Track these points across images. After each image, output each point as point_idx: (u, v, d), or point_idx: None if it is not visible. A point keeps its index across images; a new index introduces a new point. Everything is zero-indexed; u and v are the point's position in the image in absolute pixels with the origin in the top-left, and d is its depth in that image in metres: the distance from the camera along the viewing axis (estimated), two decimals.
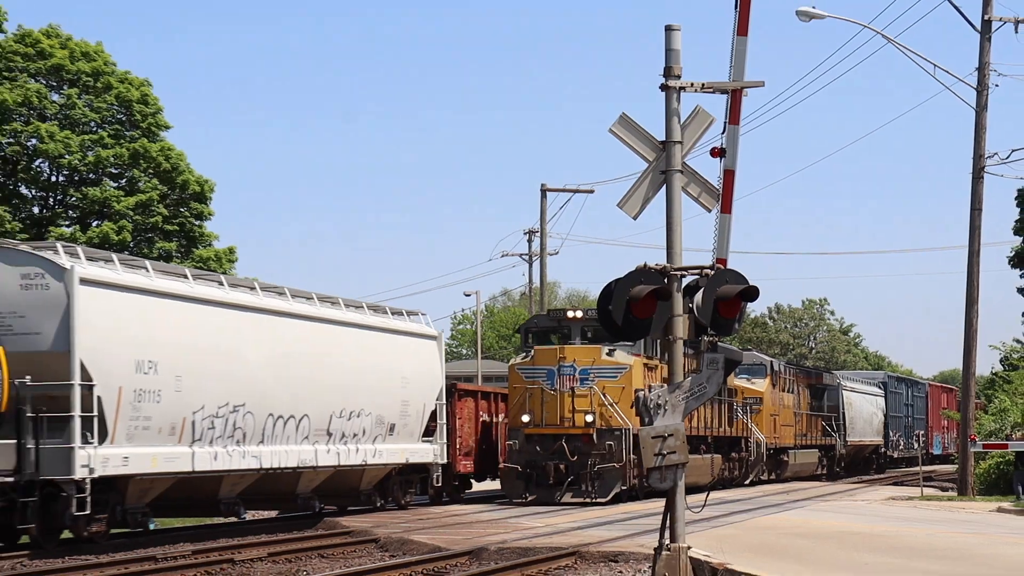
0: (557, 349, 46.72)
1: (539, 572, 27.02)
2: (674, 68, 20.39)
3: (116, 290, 34.56)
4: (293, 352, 41.45)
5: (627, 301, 19.95)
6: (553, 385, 45.56)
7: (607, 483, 44.94)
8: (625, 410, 44.95)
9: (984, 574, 24.29)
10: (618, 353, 46.48)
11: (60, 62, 70.03)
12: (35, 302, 32.70)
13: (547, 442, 45.69)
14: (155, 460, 35.09)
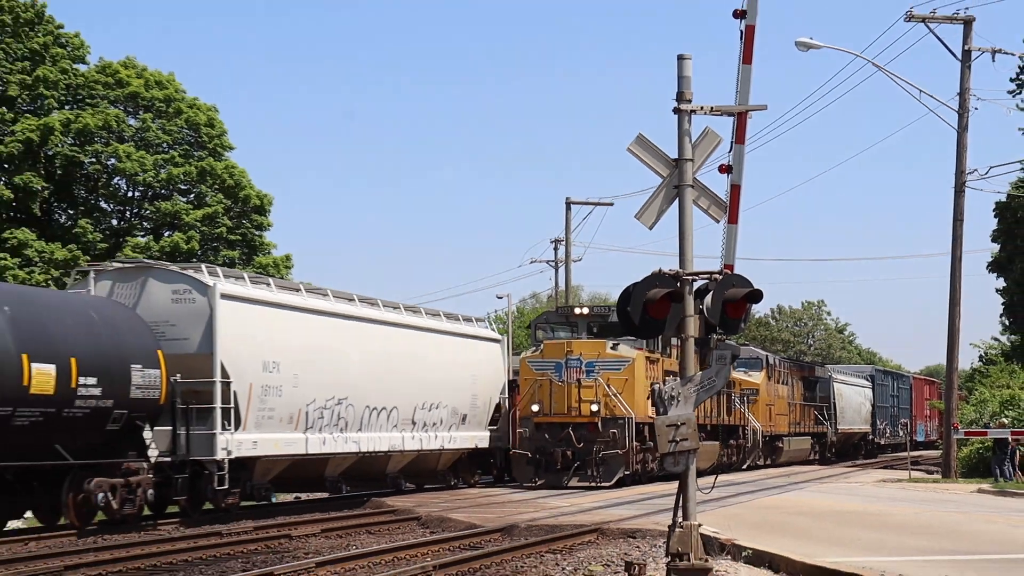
0: (565, 343, 46.12)
1: (564, 547, 26.80)
2: (685, 93, 20.26)
3: (246, 303, 37.51)
4: (385, 353, 44.42)
5: (644, 303, 19.89)
6: (561, 377, 44.87)
7: (611, 468, 44.31)
8: (628, 400, 44.65)
9: (965, 547, 24.11)
10: (622, 347, 45.97)
11: (136, 90, 70.18)
12: (184, 313, 35.68)
13: (555, 430, 44.98)
14: (277, 444, 38.27)
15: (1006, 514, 34.27)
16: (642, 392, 45.28)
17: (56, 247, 65.74)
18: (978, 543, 25.43)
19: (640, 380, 45.31)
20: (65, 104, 69.00)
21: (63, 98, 69.13)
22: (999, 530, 28.68)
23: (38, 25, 69.61)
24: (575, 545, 27.25)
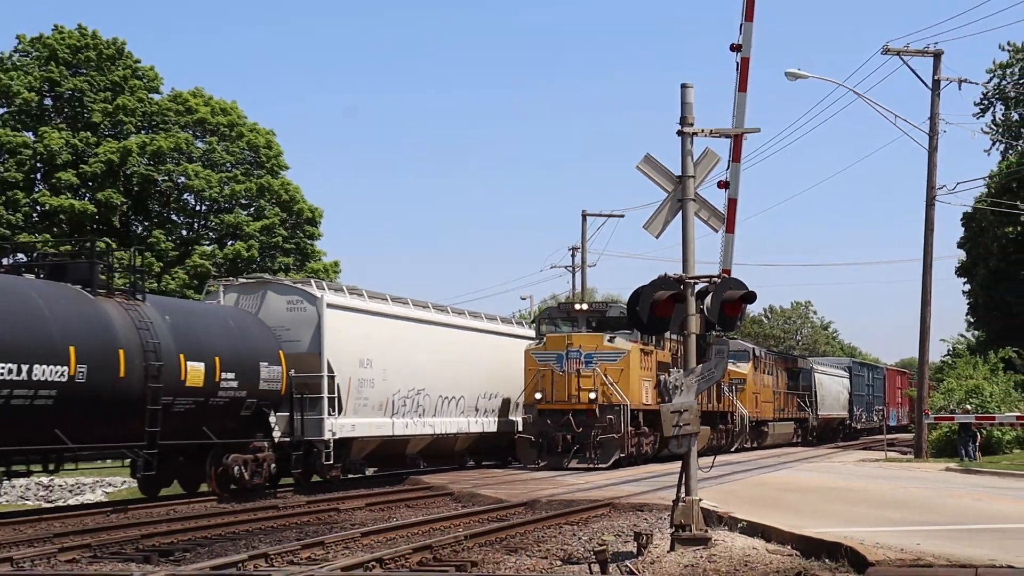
0: (565, 336, 45.94)
1: (580, 519, 26.82)
2: (688, 118, 20.28)
3: (346, 311, 40.55)
4: (453, 351, 47.38)
5: (651, 303, 19.99)
6: (562, 367, 44.51)
7: (608, 451, 43.86)
8: (624, 388, 44.23)
9: (934, 519, 24.03)
10: (618, 340, 45.56)
11: (204, 116, 70.45)
12: (297, 319, 38.81)
13: (556, 416, 44.55)
14: (370, 427, 41.23)
15: (970, 489, 34.22)
16: (637, 381, 45.53)
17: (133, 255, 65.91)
18: (945, 515, 25.37)
19: (635, 370, 45.32)
20: (141, 129, 69.27)
21: (140, 124, 69.39)
22: (964, 504, 28.64)
23: (118, 60, 69.95)
24: (590, 517, 27.26)
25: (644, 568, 18.32)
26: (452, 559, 20.12)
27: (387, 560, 19.42)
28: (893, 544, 18.75)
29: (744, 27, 20.86)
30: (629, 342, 45.26)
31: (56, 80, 68.95)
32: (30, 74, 68.94)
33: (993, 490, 34.31)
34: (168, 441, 31.80)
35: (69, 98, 69.32)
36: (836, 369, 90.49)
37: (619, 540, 21.56)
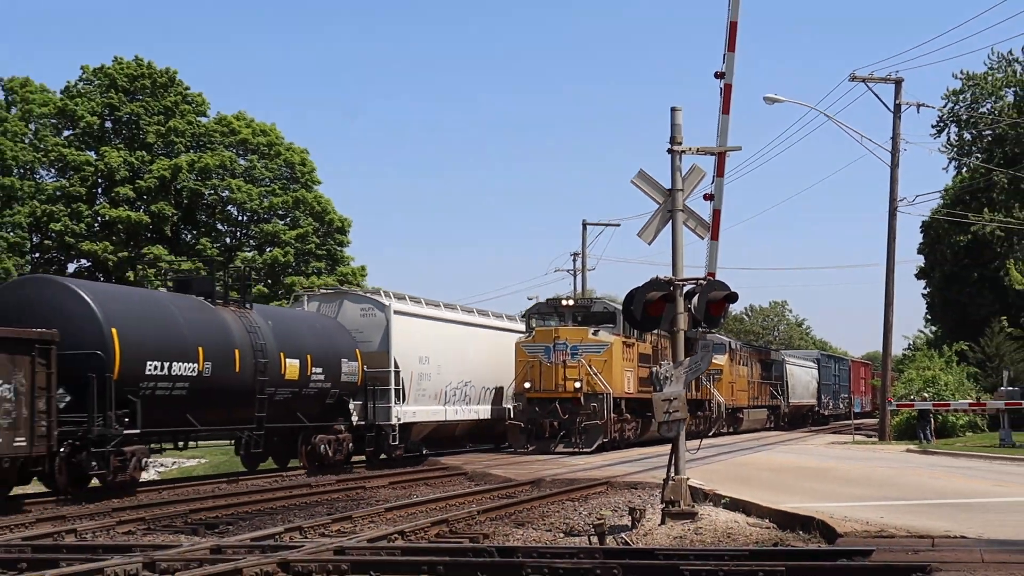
0: (552, 330, 44.94)
1: (580, 496, 26.77)
2: (677, 137, 20.29)
3: (409, 316, 43.21)
4: (493, 349, 48.55)
5: (644, 303, 20.01)
6: (550, 358, 43.58)
7: (592, 436, 42.80)
8: (607, 378, 43.50)
9: (896, 495, 23.98)
10: (601, 333, 44.71)
11: (245, 137, 70.63)
12: (369, 324, 41.53)
13: (544, 404, 43.42)
14: (427, 414, 43.53)
15: (928, 468, 34.17)
16: (619, 371, 44.63)
17: (182, 260, 66.22)
18: (905, 491, 25.33)
19: (617, 361, 44.47)
20: (190, 148, 69.49)
21: (189, 144, 69.63)
22: (922, 481, 28.59)
23: (170, 87, 70.22)
24: (589, 494, 27.21)
25: (638, 539, 18.25)
26: (466, 532, 20.08)
27: (408, 532, 19.38)
28: (859, 517, 18.70)
29: (727, 57, 20.85)
30: (612, 335, 44.53)
31: (115, 105, 69.19)
32: (93, 100, 69.15)
33: (948, 469, 34.28)
34: (271, 424, 34.82)
35: (127, 121, 69.51)
36: (806, 361, 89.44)
37: (615, 515, 21.50)
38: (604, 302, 48.67)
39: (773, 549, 15.88)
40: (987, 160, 76.29)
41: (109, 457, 27.79)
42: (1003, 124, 76.26)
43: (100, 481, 28.83)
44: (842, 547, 15.56)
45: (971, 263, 78.27)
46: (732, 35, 21.09)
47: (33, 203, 65.81)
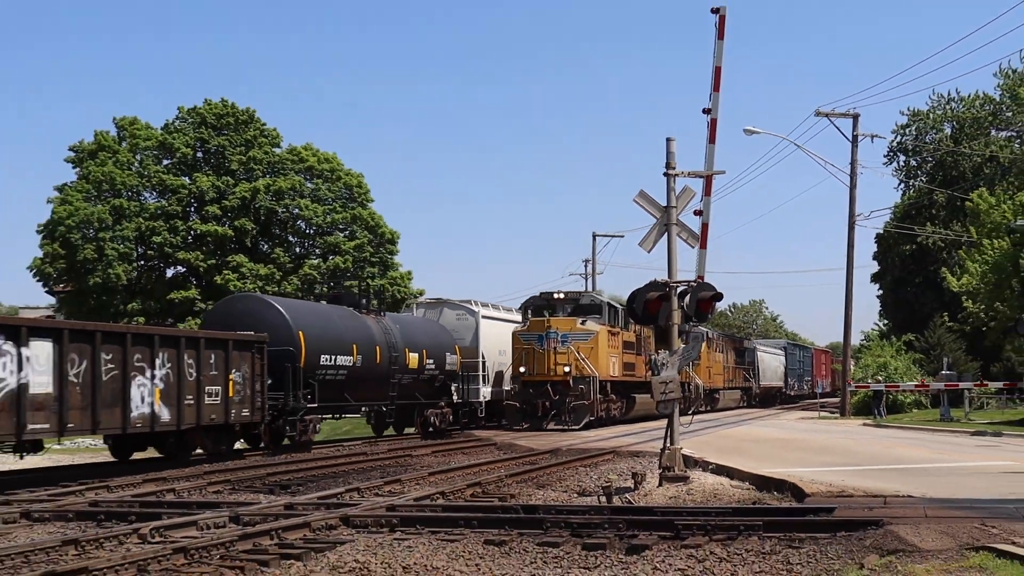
0: (545, 320, 42.29)
1: (591, 463, 26.67)
2: (671, 163, 20.32)
3: (492, 319, 46.84)
4: None
5: (644, 302, 19.98)
6: (542, 346, 41.29)
7: (579, 415, 40.86)
8: (593, 363, 41.40)
9: (855, 461, 23.92)
10: (589, 323, 42.52)
11: (312, 164, 70.71)
12: (462, 325, 45.28)
13: (537, 386, 41.27)
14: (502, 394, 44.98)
15: (880, 439, 34.11)
16: (605, 357, 42.59)
17: (260, 267, 66.43)
18: (862, 458, 25.26)
19: (603, 348, 42.37)
20: (266, 174, 69.43)
21: (265, 170, 69.61)
22: (876, 450, 28.54)
23: (250, 123, 70.24)
24: (599, 461, 27.11)
25: (639, 499, 18.19)
26: (496, 492, 20.04)
27: (447, 493, 19.36)
28: (824, 480, 18.65)
29: (712, 96, 20.81)
30: (598, 325, 42.77)
31: (205, 139, 69.34)
32: (187, 135, 69.32)
33: (898, 439, 34.21)
34: (398, 401, 39.68)
35: (214, 152, 69.59)
36: (775, 349, 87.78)
37: (620, 478, 21.44)
38: (591, 295, 47.21)
39: (752, 507, 15.83)
40: (930, 182, 76.87)
41: (296, 424, 32.98)
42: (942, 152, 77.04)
43: (290, 440, 33.32)
44: (809, 505, 15.53)
45: (916, 268, 78.38)
46: (717, 78, 21.04)
47: (138, 220, 66.01)
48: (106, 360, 24.95)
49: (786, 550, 12.68)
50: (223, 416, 29.36)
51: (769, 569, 11.79)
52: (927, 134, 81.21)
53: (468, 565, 12.26)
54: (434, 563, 12.32)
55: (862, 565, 11.33)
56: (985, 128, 76.78)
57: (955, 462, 24.29)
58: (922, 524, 13.24)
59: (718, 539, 13.37)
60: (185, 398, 27.74)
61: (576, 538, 13.71)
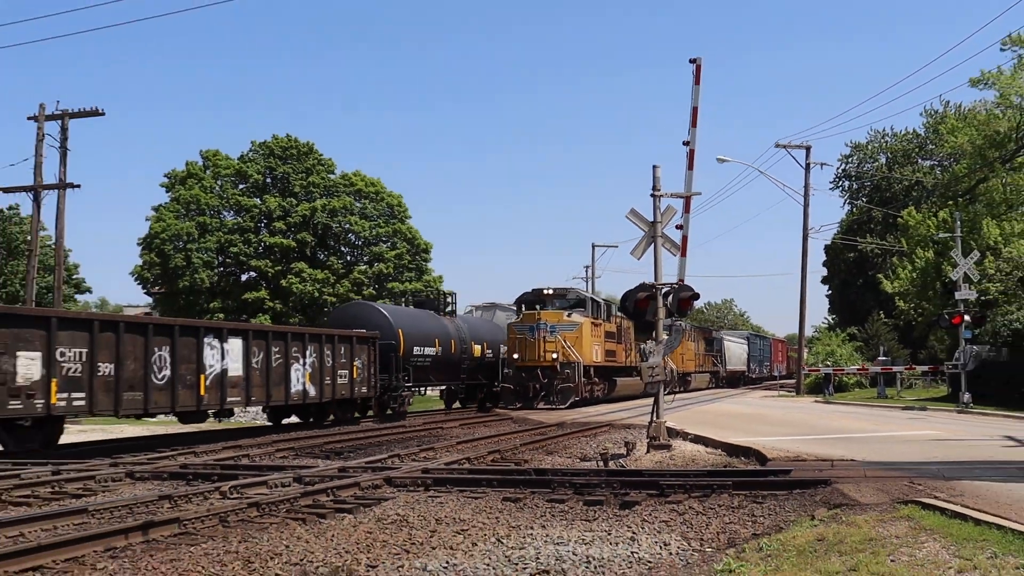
0: (535, 313, 40.82)
1: (591, 433, 26.61)
2: (657, 186, 20.23)
3: None
4: None
5: (635, 300, 19.95)
6: (533, 335, 40.01)
7: (565, 395, 39.41)
8: (578, 350, 40.05)
9: (808, 431, 23.85)
10: (574, 315, 41.20)
11: (360, 188, 70.70)
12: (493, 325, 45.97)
13: (529, 371, 39.86)
14: None
15: (829, 413, 34.02)
16: (588, 345, 41.13)
17: (317, 272, 66.53)
18: (814, 429, 25.18)
19: (586, 337, 40.95)
20: (323, 196, 69.46)
21: (322, 192, 69.64)
22: (825, 422, 28.45)
23: (310, 154, 70.34)
24: (597, 432, 27.07)
25: (631, 463, 18.15)
26: (512, 458, 20.03)
27: (472, 459, 19.36)
28: (782, 447, 18.60)
29: (691, 131, 20.75)
30: (583, 317, 41.45)
31: (273, 167, 69.47)
32: (258, 164, 69.48)
33: (843, 413, 34.14)
34: (467, 382, 42.55)
35: (280, 177, 69.69)
36: (739, 338, 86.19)
37: (615, 446, 21.40)
38: (577, 291, 44.79)
39: (723, 470, 15.79)
40: (868, 202, 77.01)
41: (398, 398, 36.29)
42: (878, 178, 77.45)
43: (392, 410, 36.34)
44: (770, 468, 15.49)
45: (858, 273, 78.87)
46: (694, 116, 20.99)
47: (219, 234, 66.20)
48: (275, 352, 28.83)
49: (751, 504, 12.67)
50: (349, 392, 33.12)
51: (738, 520, 11.78)
52: (866, 162, 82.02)
53: (489, 518, 12.27)
54: (461, 516, 12.33)
55: (813, 516, 11.32)
56: (913, 158, 77.12)
57: (889, 432, 24.23)
58: (862, 483, 13.23)
59: (696, 496, 13.36)
60: (325, 379, 31.42)
61: (579, 495, 13.71)
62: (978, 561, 8.22)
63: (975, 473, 14.19)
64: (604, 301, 45.74)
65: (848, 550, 9.11)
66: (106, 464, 18.85)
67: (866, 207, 76.56)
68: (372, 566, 9.48)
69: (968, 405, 35.84)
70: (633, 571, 9.44)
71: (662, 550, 10.29)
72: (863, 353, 66.56)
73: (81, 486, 15.91)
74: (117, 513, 12.78)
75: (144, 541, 10.82)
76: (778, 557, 9.26)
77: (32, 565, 9.55)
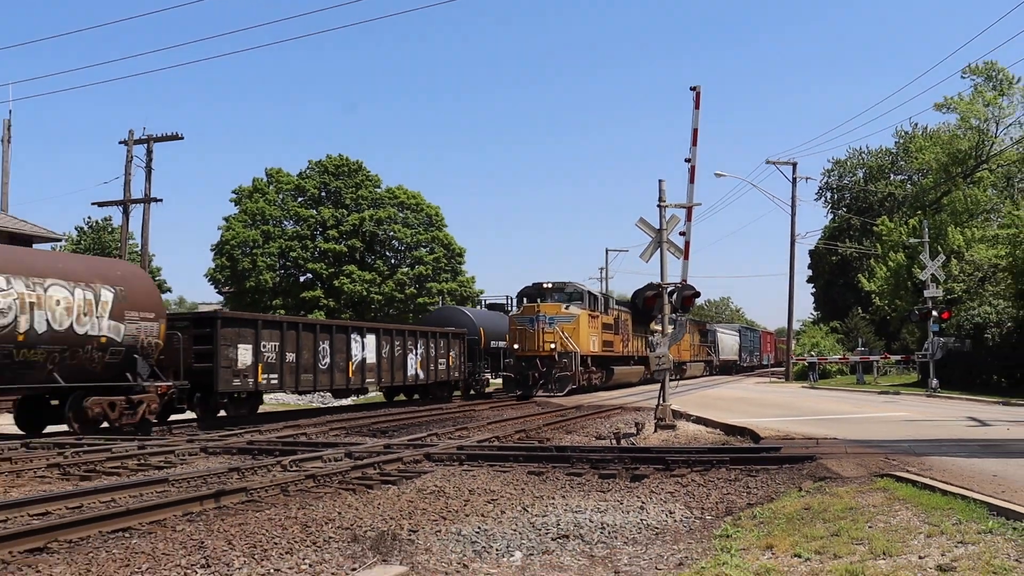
0: (535, 305, 38.59)
1: (605, 415, 26.56)
2: (663, 198, 20.17)
3: None
4: None
5: (644, 298, 19.92)
6: (533, 327, 37.91)
7: (563, 383, 37.42)
8: (575, 340, 37.88)
9: (796, 413, 23.71)
10: (571, 307, 38.69)
11: (403, 200, 70.61)
12: None
13: (528, 360, 37.91)
14: None
15: (815, 397, 33.83)
16: (585, 335, 38.90)
17: (365, 274, 66.60)
18: (802, 411, 25.04)
19: (584, 328, 38.74)
20: (370, 207, 69.54)
21: (369, 204, 69.72)
22: (811, 405, 28.29)
23: (359, 171, 70.38)
24: (611, 414, 27.00)
25: (640, 441, 18.10)
26: (536, 437, 20.00)
27: (501, 437, 19.34)
28: (773, 427, 18.52)
29: (692, 149, 20.67)
30: (580, 309, 39.00)
31: (327, 182, 69.63)
32: (314, 180, 69.68)
33: (827, 397, 33.92)
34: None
35: (333, 191, 69.80)
36: (731, 330, 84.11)
37: (627, 427, 21.34)
38: (575, 284, 40.61)
39: (722, 447, 15.72)
40: (848, 211, 76.60)
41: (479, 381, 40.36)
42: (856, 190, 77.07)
43: (474, 391, 40.45)
44: (763, 445, 15.41)
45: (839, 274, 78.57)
46: (694, 136, 20.92)
47: (280, 241, 66.40)
48: (396, 344, 33.23)
49: (746, 478, 12.61)
50: (447, 377, 37.32)
51: (734, 491, 11.73)
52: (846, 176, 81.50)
53: (516, 488, 12.25)
54: (491, 487, 12.32)
55: (800, 488, 11.26)
56: (886, 172, 76.80)
57: (867, 413, 24.08)
58: (843, 458, 13.14)
59: (697, 470, 13.31)
60: (430, 366, 35.75)
61: (594, 469, 13.68)
62: (945, 527, 8.17)
63: (943, 450, 14.10)
64: (602, 295, 43.94)
65: (831, 517, 9.07)
66: (183, 440, 18.98)
67: (846, 216, 76.27)
68: (413, 530, 9.48)
69: (936, 390, 35.65)
70: (642, 536, 9.41)
71: (668, 517, 10.26)
72: (844, 344, 66.24)
73: (163, 459, 16.02)
74: (193, 483, 12.84)
75: (216, 507, 10.87)
76: (770, 524, 9.23)
77: (122, 526, 9.67)
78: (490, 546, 8.83)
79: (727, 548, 8.18)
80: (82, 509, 10.89)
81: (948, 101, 49.20)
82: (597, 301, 41.52)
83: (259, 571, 7.85)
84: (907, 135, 70.98)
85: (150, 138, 41.04)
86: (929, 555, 7.30)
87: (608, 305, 43.26)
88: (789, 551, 7.81)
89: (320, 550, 8.62)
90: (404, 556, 8.40)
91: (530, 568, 8.03)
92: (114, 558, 8.34)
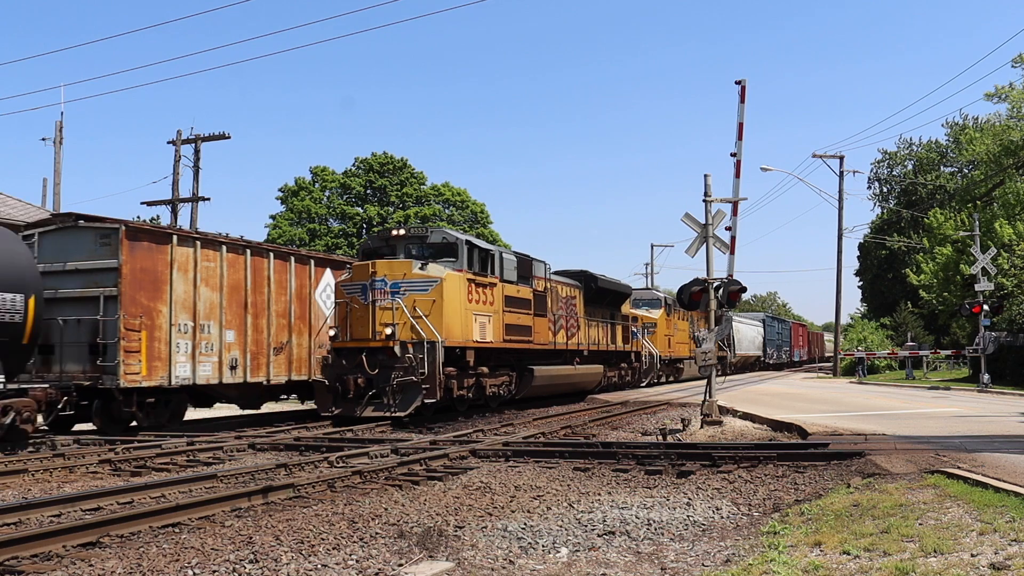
0: (369, 264, 22.01)
1: (651, 411, 26.46)
2: (708, 192, 19.98)
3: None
4: None
5: (690, 293, 19.77)
6: (365, 298, 21.77)
7: (409, 396, 21.26)
8: (436, 323, 21.46)
9: (844, 409, 23.51)
10: (431, 266, 22.07)
11: (448, 197, 70.84)
12: None
13: (351, 355, 21.61)
14: None
15: (863, 393, 33.53)
16: (460, 314, 22.46)
17: None
18: (850, 407, 24.82)
19: (451, 301, 22.12)
20: (415, 204, 69.78)
21: (414, 201, 69.99)
22: (859, 400, 28.06)
23: (404, 168, 70.66)
24: (656, 410, 26.88)
25: (686, 437, 18.01)
26: (582, 433, 19.95)
27: (547, 433, 19.31)
28: (821, 423, 18.36)
29: (737, 144, 20.59)
30: (446, 268, 22.45)
31: (372, 180, 69.95)
32: (360, 177, 70.05)
33: (875, 393, 33.65)
34: None
35: (379, 189, 70.13)
36: (752, 320, 70.67)
37: (673, 423, 21.27)
38: (444, 231, 23.65)
39: (768, 443, 15.60)
40: (897, 204, 75.97)
41: None
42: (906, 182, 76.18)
43: None
44: (811, 441, 15.28)
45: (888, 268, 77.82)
46: (740, 131, 20.82)
47: (327, 238, 66.80)
48: None
49: (793, 474, 12.50)
50: None
51: (781, 488, 11.63)
52: (895, 168, 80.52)
53: (562, 485, 12.23)
54: (537, 483, 12.31)
55: (849, 484, 11.13)
56: (936, 165, 75.85)
57: (916, 409, 23.82)
58: (893, 455, 12.99)
59: (744, 466, 13.22)
60: None
61: (640, 466, 13.63)
62: (998, 524, 8.03)
63: (995, 446, 13.89)
64: (515, 254, 26.59)
65: (880, 514, 8.96)
66: (231, 436, 19.15)
67: (895, 209, 75.54)
68: (459, 527, 9.49)
69: (987, 385, 35.18)
70: (689, 532, 9.36)
71: (715, 514, 10.20)
72: (892, 339, 65.50)
73: (211, 455, 16.17)
74: (241, 479, 12.95)
75: (264, 503, 10.95)
76: (818, 520, 9.13)
77: (172, 521, 9.77)
78: (536, 542, 8.82)
79: (775, 545, 8.11)
80: (133, 504, 11.04)
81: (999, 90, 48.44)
82: (493, 261, 24.77)
83: (306, 567, 7.89)
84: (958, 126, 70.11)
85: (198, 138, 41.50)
86: (982, 553, 7.18)
87: (527, 271, 26.87)
88: (838, 548, 7.72)
89: (367, 546, 8.65)
90: (450, 552, 8.41)
91: (576, 564, 8.01)
92: (164, 552, 8.44)
